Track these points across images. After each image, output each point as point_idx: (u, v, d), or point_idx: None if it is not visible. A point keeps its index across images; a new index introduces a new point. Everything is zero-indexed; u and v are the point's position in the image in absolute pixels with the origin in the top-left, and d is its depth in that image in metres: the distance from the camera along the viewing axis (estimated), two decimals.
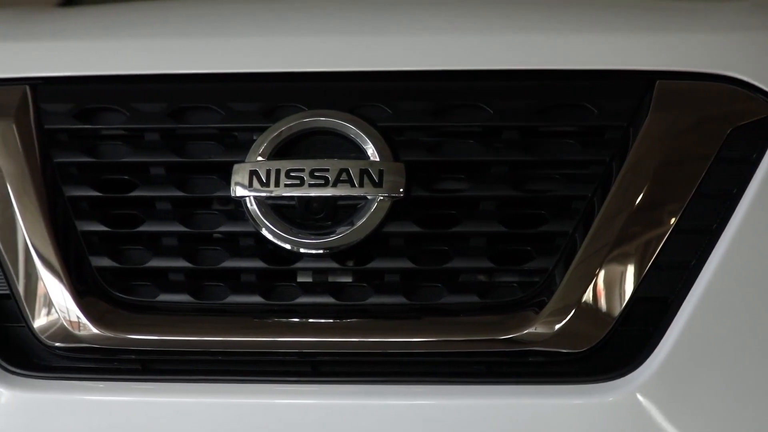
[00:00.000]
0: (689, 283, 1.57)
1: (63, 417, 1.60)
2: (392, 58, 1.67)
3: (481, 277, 1.63)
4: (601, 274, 1.57)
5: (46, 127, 1.69)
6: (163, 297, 1.65)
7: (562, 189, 1.62)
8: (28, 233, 1.65)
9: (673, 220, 1.58)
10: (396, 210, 1.62)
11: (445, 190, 1.63)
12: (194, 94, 1.68)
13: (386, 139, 1.63)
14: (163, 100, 1.68)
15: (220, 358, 1.62)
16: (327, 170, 1.62)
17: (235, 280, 1.65)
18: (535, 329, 1.57)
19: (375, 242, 1.62)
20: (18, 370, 1.63)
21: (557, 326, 1.57)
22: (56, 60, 1.73)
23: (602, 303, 1.57)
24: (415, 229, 1.62)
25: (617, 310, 1.57)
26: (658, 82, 1.62)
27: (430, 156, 1.63)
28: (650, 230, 1.58)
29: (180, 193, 1.66)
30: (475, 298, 1.61)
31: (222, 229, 1.66)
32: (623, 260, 1.57)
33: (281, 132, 1.65)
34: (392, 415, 1.57)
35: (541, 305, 1.58)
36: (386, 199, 1.61)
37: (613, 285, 1.57)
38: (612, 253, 1.57)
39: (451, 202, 1.63)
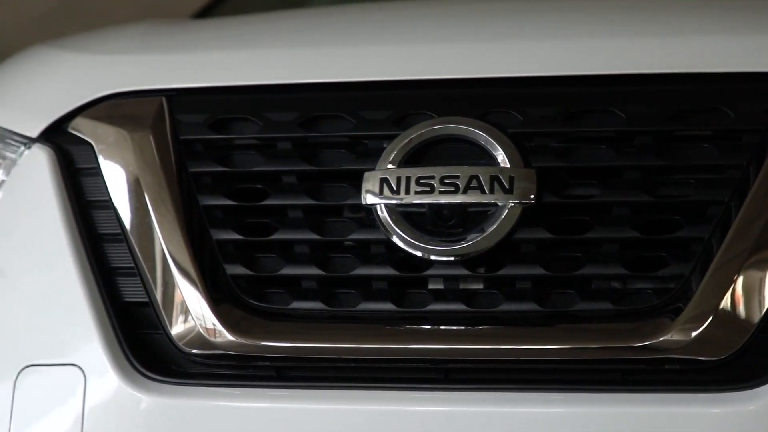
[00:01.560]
0: None
1: (200, 423, 1.52)
2: (522, 63, 1.57)
3: (615, 284, 1.51)
4: (740, 280, 1.44)
5: (181, 137, 1.62)
6: (296, 304, 1.56)
7: (697, 194, 1.49)
8: (165, 242, 1.58)
9: None
10: (527, 216, 1.51)
11: (577, 196, 1.52)
12: (325, 103, 1.60)
13: (517, 146, 1.52)
14: (295, 110, 1.59)
15: (352, 365, 1.53)
16: (457, 177, 1.51)
17: (366, 288, 1.55)
18: (672, 336, 1.45)
19: (506, 249, 1.51)
20: (157, 377, 1.55)
21: (694, 333, 1.44)
22: (191, 71, 1.66)
23: (741, 309, 1.44)
24: (546, 235, 1.51)
25: (757, 317, 1.44)
26: None
27: (561, 162, 1.52)
28: None
29: (312, 201, 1.58)
30: (608, 305, 1.49)
31: (353, 236, 1.56)
32: (762, 266, 1.44)
33: (411, 139, 1.55)
34: (525, 423, 1.46)
35: (677, 312, 1.46)
36: (517, 205, 1.50)
37: (752, 291, 1.44)
38: (750, 259, 1.44)
39: (583, 208, 1.51)
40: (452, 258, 1.51)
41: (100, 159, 1.63)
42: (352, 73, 1.60)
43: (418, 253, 1.52)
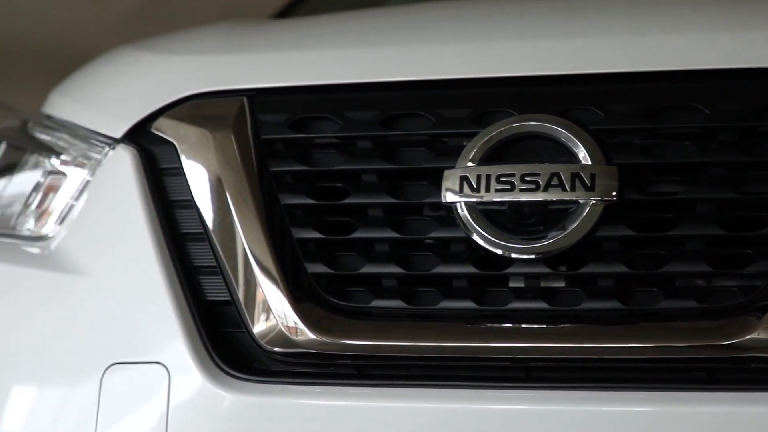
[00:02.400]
0: None
1: (282, 421, 1.48)
2: (603, 60, 1.50)
3: (699, 282, 1.44)
4: None
5: (262, 137, 1.58)
6: (377, 303, 1.51)
7: None
8: (247, 241, 1.53)
9: None
10: (609, 214, 1.44)
11: (660, 193, 1.45)
12: (405, 101, 1.54)
13: (598, 143, 1.46)
14: (375, 108, 1.55)
15: (433, 363, 1.48)
16: (538, 175, 1.45)
17: (447, 286, 1.50)
18: (758, 335, 1.38)
19: (588, 246, 1.45)
20: (239, 375, 1.51)
21: None
22: (272, 71, 1.62)
23: None
24: (628, 232, 1.44)
25: None
26: None
27: (643, 159, 1.46)
28: None
29: (392, 200, 1.53)
30: (693, 303, 1.42)
31: (433, 234, 1.51)
32: None
33: (491, 137, 1.49)
34: (607, 422, 1.39)
35: (764, 310, 1.39)
36: (599, 203, 1.44)
37: None
38: None
39: (666, 205, 1.45)
40: (533, 256, 1.45)
41: (183, 159, 1.59)
42: (432, 71, 1.55)
43: (499, 251, 1.47)
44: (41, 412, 1.56)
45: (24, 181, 1.72)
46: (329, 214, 1.54)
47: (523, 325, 1.45)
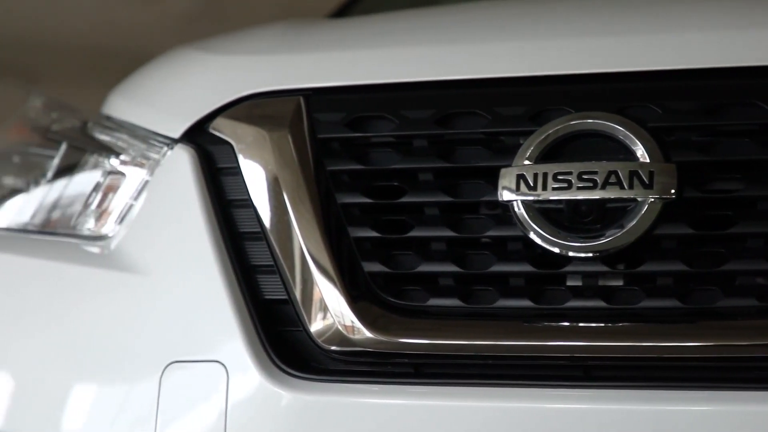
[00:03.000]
0: None
1: (339, 419, 1.47)
2: (661, 57, 1.47)
3: (760, 280, 1.41)
4: None
5: (319, 136, 1.57)
6: (434, 301, 1.49)
7: None
8: (304, 240, 1.52)
9: None
10: (667, 211, 1.42)
11: (719, 191, 1.42)
12: (461, 99, 1.52)
13: (656, 140, 1.43)
14: (431, 107, 1.53)
15: (490, 362, 1.46)
16: (595, 173, 1.43)
17: (503, 284, 1.48)
18: None
19: (646, 245, 1.42)
20: (297, 373, 1.50)
21: None
22: (328, 71, 1.61)
23: None
24: (688, 231, 1.42)
25: None
26: None
27: (702, 156, 1.43)
28: None
29: (448, 198, 1.51)
30: (753, 302, 1.39)
31: (490, 233, 1.49)
32: None
33: (548, 135, 1.47)
34: (668, 421, 1.37)
35: None
36: (657, 200, 1.41)
37: None
38: None
39: (725, 203, 1.42)
40: (591, 254, 1.43)
41: (240, 159, 1.58)
42: (488, 69, 1.53)
43: (556, 250, 1.44)
44: (102, 410, 1.55)
45: (84, 181, 1.72)
46: (386, 213, 1.53)
47: (581, 324, 1.43)
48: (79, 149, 1.74)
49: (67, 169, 1.75)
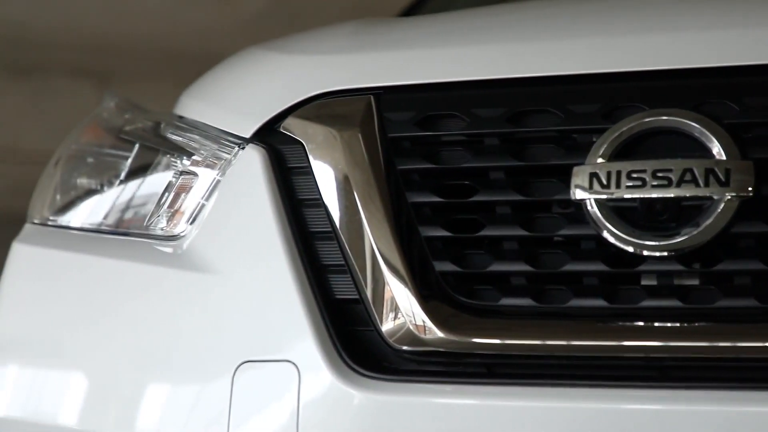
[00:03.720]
0: None
1: (411, 419, 1.45)
2: (738, 52, 1.44)
3: None
4: None
5: (389, 135, 1.55)
6: (506, 301, 1.47)
7: None
8: (375, 239, 1.51)
9: None
10: (744, 209, 1.38)
11: None
12: (532, 97, 1.50)
13: (733, 137, 1.40)
14: (502, 105, 1.50)
15: (564, 362, 1.43)
16: (670, 170, 1.40)
17: (576, 284, 1.45)
18: None
19: (722, 243, 1.39)
20: (369, 373, 1.48)
21: None
22: (398, 69, 1.59)
23: None
24: (765, 229, 1.38)
25: None
26: None
27: None
28: None
29: (520, 197, 1.48)
30: None
31: (562, 232, 1.46)
32: None
33: (622, 133, 1.44)
34: (745, 423, 1.33)
35: None
36: (734, 198, 1.38)
37: None
38: None
39: None
40: (666, 253, 1.40)
41: (311, 158, 1.57)
42: (560, 66, 1.50)
43: (630, 249, 1.41)
44: (175, 410, 1.55)
45: (157, 181, 1.72)
46: (457, 212, 1.50)
47: (657, 324, 1.40)
48: (152, 150, 1.74)
49: (139, 170, 1.75)
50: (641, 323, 1.41)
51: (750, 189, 1.37)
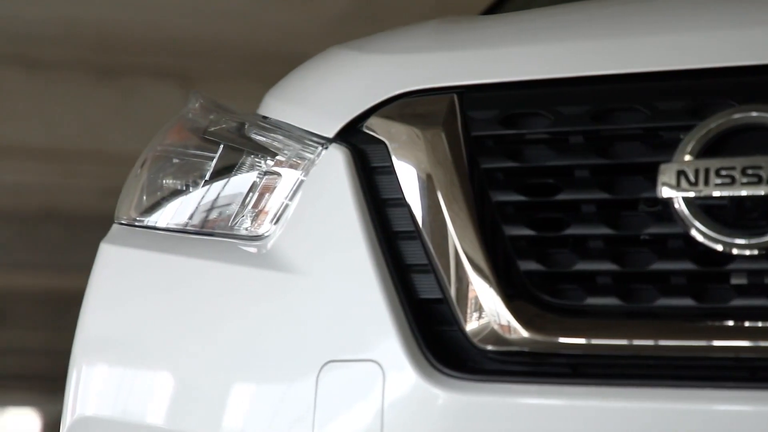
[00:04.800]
0: None
1: (496, 419, 1.43)
2: None
3: None
4: None
5: (472, 134, 1.54)
6: (591, 300, 1.44)
7: None
8: (459, 239, 1.50)
9: None
10: None
11: None
12: (618, 94, 1.48)
13: None
14: (587, 103, 1.48)
15: (651, 362, 1.41)
16: (760, 167, 1.37)
17: (664, 283, 1.42)
18: None
19: None
20: (454, 373, 1.47)
21: None
22: (481, 68, 1.58)
23: None
24: None
25: None
26: None
27: None
28: None
29: (605, 195, 1.46)
30: None
31: (649, 230, 1.44)
32: None
33: (710, 129, 1.41)
34: None
35: None
36: None
37: None
38: None
39: None
40: (756, 251, 1.37)
41: (394, 158, 1.56)
42: (646, 63, 1.47)
43: (719, 247, 1.38)
44: (260, 409, 1.55)
45: (241, 181, 1.72)
46: (541, 211, 1.49)
47: (747, 324, 1.37)
48: (236, 150, 1.74)
49: (224, 170, 1.75)
50: (731, 323, 1.38)
51: None
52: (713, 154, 1.40)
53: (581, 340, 1.43)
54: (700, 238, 1.39)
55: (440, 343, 1.49)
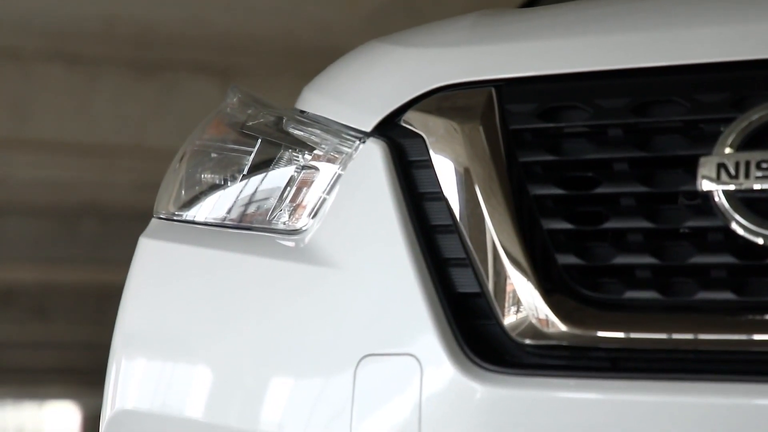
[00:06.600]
0: None
1: (534, 413, 1.43)
2: None
3: None
4: None
5: (511, 127, 1.53)
6: (630, 294, 1.44)
7: None
8: (497, 232, 1.49)
9: None
10: None
11: None
12: (657, 87, 1.47)
13: None
14: (626, 96, 1.47)
15: (691, 356, 1.40)
16: None
17: (704, 276, 1.41)
18: None
19: None
20: (492, 367, 1.46)
21: None
22: (520, 61, 1.57)
23: None
24: None
25: None
26: None
27: None
28: None
29: (644, 189, 1.45)
30: None
31: (689, 223, 1.43)
32: None
33: (751, 122, 1.40)
34: None
35: None
36: None
37: None
38: None
39: None
40: None
41: (431, 151, 1.56)
42: (686, 55, 1.46)
43: (760, 241, 1.37)
44: (299, 403, 1.55)
45: (279, 176, 1.72)
46: (580, 204, 1.48)
47: None
48: (274, 144, 1.74)
49: (262, 164, 1.75)
50: None
51: None
52: (754, 146, 1.39)
53: (620, 334, 1.42)
54: (740, 231, 1.38)
55: (478, 337, 1.49)
